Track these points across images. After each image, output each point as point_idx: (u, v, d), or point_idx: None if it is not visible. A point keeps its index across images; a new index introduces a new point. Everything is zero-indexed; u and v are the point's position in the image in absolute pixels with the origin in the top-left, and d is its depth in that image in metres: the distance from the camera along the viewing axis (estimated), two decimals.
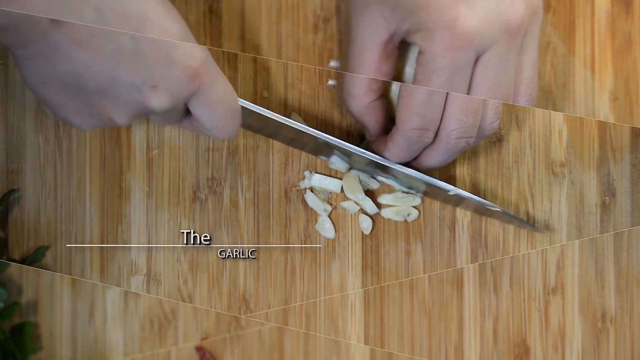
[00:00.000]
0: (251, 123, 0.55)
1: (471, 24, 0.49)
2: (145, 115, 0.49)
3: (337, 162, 0.57)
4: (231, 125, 0.51)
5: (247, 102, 0.52)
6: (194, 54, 0.47)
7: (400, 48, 0.53)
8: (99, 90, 0.46)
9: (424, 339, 0.59)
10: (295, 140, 0.56)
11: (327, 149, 0.56)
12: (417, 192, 0.58)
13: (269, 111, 0.53)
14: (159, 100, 0.47)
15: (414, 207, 0.58)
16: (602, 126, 0.60)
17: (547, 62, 0.60)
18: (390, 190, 0.58)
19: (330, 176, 0.58)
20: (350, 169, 0.58)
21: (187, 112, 0.50)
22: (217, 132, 0.51)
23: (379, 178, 0.58)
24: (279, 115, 0.53)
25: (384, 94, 0.55)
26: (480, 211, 0.58)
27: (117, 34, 0.45)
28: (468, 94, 0.52)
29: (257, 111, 0.52)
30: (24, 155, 0.57)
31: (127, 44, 0.45)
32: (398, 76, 0.54)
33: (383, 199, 0.58)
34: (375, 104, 0.55)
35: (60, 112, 0.48)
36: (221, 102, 0.49)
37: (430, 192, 0.57)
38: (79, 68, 0.45)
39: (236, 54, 0.58)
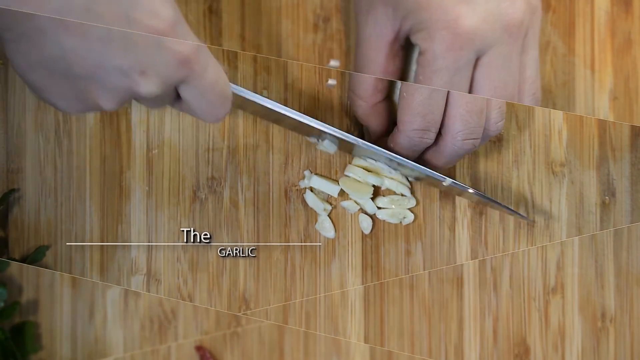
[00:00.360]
0: (242, 105, 0.54)
1: (472, 24, 0.49)
2: (133, 99, 0.48)
3: (327, 145, 0.57)
4: (221, 111, 0.49)
5: (238, 87, 0.51)
6: (184, 39, 0.46)
7: (405, 48, 0.54)
8: (86, 75, 0.45)
9: (424, 338, 0.59)
10: (283, 121, 0.56)
11: (316, 131, 0.56)
12: (417, 179, 0.58)
13: (264, 98, 0.52)
14: (147, 86, 0.45)
15: (410, 210, 0.58)
16: (602, 125, 0.60)
17: (547, 61, 0.60)
18: (386, 193, 0.58)
19: (329, 178, 0.58)
20: (337, 149, 0.58)
21: (179, 95, 0.49)
22: (206, 117, 0.49)
23: (379, 165, 0.58)
24: (274, 102, 0.53)
25: (388, 95, 0.55)
26: (474, 200, 0.58)
27: (106, 17, 0.43)
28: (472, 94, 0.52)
29: (252, 99, 0.52)
30: (24, 154, 0.57)
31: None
32: (403, 77, 0.55)
33: (379, 201, 0.58)
34: (380, 106, 0.55)
35: (46, 96, 0.47)
36: (212, 88, 0.48)
37: (427, 180, 0.57)
38: (66, 52, 0.44)
39: (236, 52, 0.58)
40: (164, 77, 0.45)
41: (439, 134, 0.54)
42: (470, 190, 0.56)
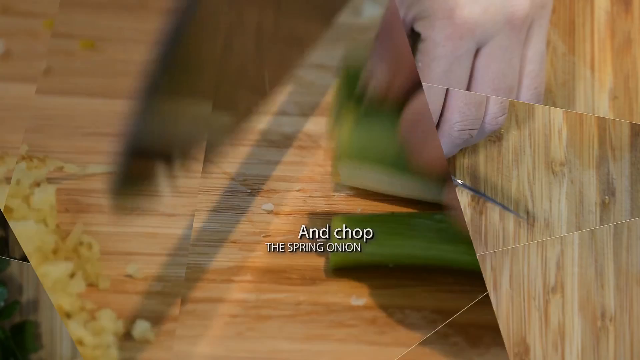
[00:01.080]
0: None
1: (472, 14, 0.50)
2: None
3: None
4: None
5: None
6: None
7: (412, 38, 0.54)
8: None
9: None
10: None
11: None
12: None
13: None
14: None
15: None
16: (602, 124, 0.60)
17: (546, 61, 0.60)
18: None
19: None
20: None
21: None
22: None
23: None
24: None
25: None
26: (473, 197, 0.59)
27: None
28: (470, 84, 0.52)
29: None
30: None
31: None
32: None
33: None
34: None
35: None
36: None
37: None
38: None
39: None
40: None
41: (437, 124, 0.54)
42: (458, 181, 0.57)
